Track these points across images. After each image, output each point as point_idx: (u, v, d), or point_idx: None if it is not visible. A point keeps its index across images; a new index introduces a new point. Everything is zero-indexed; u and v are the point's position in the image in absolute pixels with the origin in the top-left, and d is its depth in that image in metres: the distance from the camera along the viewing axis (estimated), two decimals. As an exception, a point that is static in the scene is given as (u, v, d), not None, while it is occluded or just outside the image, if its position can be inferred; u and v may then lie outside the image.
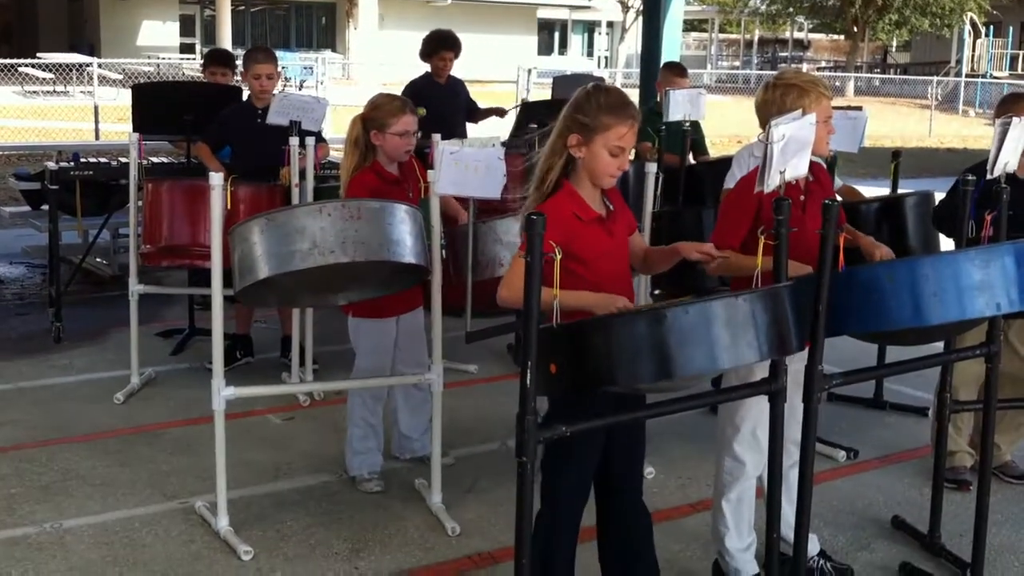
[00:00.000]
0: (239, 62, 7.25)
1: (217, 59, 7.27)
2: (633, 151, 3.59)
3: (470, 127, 7.67)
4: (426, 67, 7.39)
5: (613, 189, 3.27)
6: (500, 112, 7.79)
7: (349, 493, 4.52)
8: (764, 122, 3.45)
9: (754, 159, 5.04)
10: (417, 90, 7.24)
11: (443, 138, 4.32)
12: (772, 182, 3.07)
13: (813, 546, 3.84)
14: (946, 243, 4.74)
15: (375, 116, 4.40)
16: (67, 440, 5.03)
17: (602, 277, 3.09)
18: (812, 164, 3.63)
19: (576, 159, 3.13)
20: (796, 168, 3.17)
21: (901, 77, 39.14)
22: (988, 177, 3.70)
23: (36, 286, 8.17)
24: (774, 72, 4.25)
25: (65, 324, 6.65)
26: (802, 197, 3.57)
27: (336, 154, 7.13)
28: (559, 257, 2.81)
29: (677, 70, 7.04)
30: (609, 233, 3.18)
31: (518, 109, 7.56)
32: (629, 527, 3.29)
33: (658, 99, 6.89)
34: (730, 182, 5.11)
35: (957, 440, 4.69)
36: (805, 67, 41.92)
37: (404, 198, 4.25)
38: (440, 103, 7.05)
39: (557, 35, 46.89)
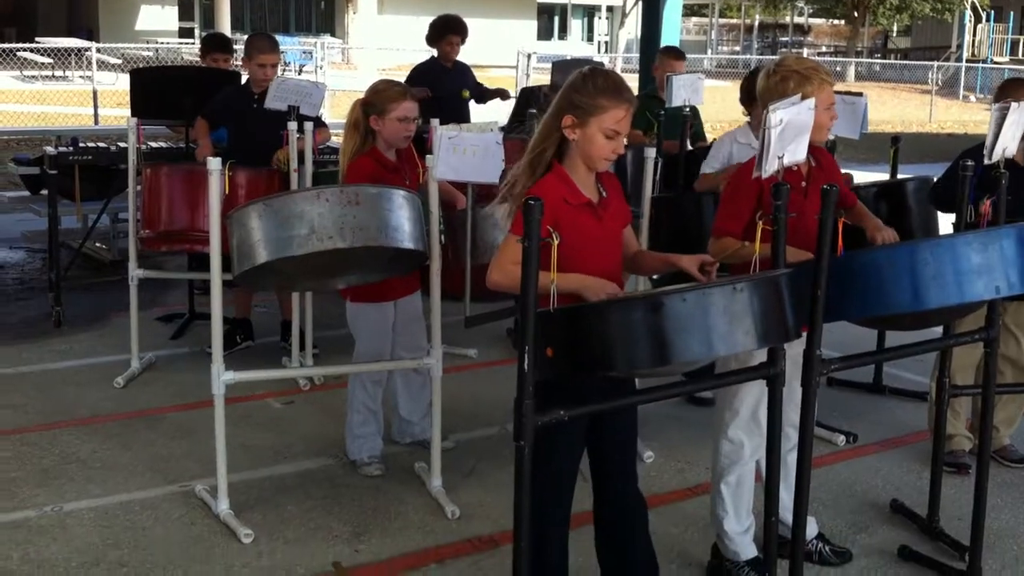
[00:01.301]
0: (238, 47, 7.24)
1: (215, 44, 7.26)
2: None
3: (475, 109, 7.72)
4: (431, 52, 7.42)
5: (611, 177, 3.22)
6: (504, 95, 7.86)
7: (349, 477, 4.53)
8: (765, 107, 3.44)
9: (737, 144, 5.05)
10: (424, 74, 7.30)
11: (449, 121, 4.30)
12: (770, 167, 3.06)
13: (812, 529, 3.86)
14: (945, 225, 4.74)
15: (375, 101, 4.40)
16: (68, 424, 5.04)
17: (589, 264, 3.02)
18: (815, 149, 3.62)
19: (570, 141, 3.08)
20: (794, 153, 3.16)
21: (902, 62, 39.03)
22: (986, 162, 3.70)
23: (36, 271, 8.18)
24: (775, 57, 4.22)
25: (65, 309, 6.66)
26: (803, 183, 3.55)
27: (336, 139, 7.13)
28: (556, 242, 2.79)
29: (674, 54, 7.03)
30: (598, 219, 3.11)
31: (518, 94, 7.62)
32: (623, 511, 3.27)
33: (655, 83, 6.89)
34: (706, 168, 5.12)
35: (955, 424, 4.70)
36: (805, 52, 41.86)
37: (402, 184, 4.25)
38: (446, 87, 7.14)
39: (557, 20, 46.72)
